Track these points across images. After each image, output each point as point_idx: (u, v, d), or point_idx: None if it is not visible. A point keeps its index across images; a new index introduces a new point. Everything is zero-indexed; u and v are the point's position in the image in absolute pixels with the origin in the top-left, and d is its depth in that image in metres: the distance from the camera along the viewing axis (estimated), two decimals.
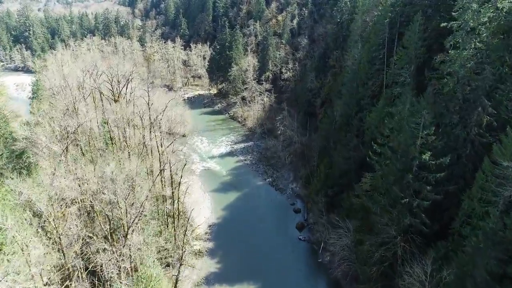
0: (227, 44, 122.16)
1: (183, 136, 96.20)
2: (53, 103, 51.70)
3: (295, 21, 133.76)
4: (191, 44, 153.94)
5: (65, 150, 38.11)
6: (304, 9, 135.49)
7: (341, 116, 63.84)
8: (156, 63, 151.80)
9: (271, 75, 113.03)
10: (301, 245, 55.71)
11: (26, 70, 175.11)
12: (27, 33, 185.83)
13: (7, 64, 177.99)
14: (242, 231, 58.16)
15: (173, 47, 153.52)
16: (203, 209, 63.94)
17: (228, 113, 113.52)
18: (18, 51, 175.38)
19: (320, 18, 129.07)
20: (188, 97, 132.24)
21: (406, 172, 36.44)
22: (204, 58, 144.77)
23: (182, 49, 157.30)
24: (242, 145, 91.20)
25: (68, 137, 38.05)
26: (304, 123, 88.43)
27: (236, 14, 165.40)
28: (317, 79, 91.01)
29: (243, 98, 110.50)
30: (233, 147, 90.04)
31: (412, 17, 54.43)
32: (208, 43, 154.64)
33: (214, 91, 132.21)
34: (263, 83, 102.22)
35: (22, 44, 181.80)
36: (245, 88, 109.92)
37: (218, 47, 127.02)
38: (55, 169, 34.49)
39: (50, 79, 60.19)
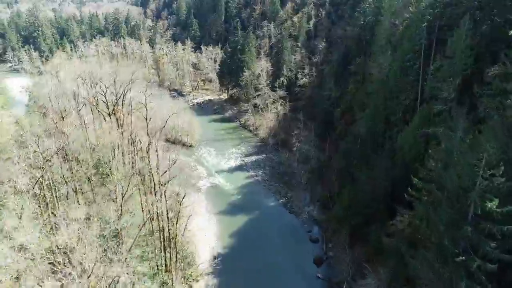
0: (239, 47, 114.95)
1: (190, 146, 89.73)
2: (39, 119, 45.30)
3: (311, 23, 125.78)
4: (201, 46, 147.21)
5: (39, 182, 31.39)
6: (321, 9, 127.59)
7: (367, 132, 55.91)
8: (165, 65, 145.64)
9: (285, 81, 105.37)
10: (319, 285, 48.08)
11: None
12: (35, 34, 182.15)
13: (15, 65, 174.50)
14: (252, 264, 50.72)
15: (183, 49, 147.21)
16: (208, 235, 56.95)
17: (239, 121, 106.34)
18: (26, 52, 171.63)
19: (338, 20, 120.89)
20: (197, 103, 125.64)
21: (461, 221, 28.56)
22: (215, 61, 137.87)
23: (192, 51, 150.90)
24: (253, 158, 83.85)
25: (42, 167, 31.30)
26: (321, 134, 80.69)
27: (249, 15, 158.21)
28: (337, 87, 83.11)
29: (255, 106, 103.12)
30: (243, 160, 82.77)
31: (455, 21, 46.40)
32: (219, 45, 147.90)
33: (225, 96, 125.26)
34: (277, 90, 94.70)
35: (31, 45, 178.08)
36: (258, 95, 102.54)
37: (229, 50, 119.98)
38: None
39: (40, 90, 54.09)
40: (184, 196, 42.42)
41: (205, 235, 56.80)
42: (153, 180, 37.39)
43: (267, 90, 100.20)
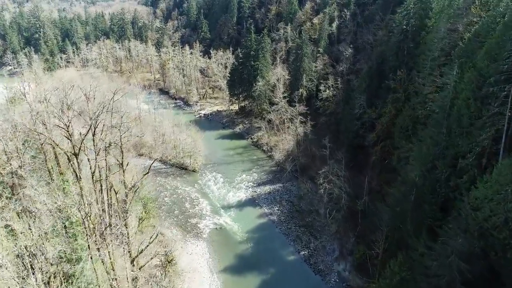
0: (252, 52, 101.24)
1: (193, 171, 76.61)
2: None
3: (334, 25, 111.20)
4: (211, 51, 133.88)
5: None
6: (346, 10, 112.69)
7: (421, 177, 41.53)
8: (171, 71, 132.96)
9: (305, 93, 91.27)
10: None
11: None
12: (37, 35, 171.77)
13: (14, 68, 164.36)
14: None
15: (190, 53, 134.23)
16: None
17: (251, 138, 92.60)
18: (25, 55, 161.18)
19: (365, 22, 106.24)
20: (204, 114, 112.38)
21: None
22: (226, 67, 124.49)
23: (201, 55, 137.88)
24: (268, 188, 70.07)
25: None
26: (350, 162, 66.57)
27: (263, 15, 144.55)
28: (369, 105, 68.75)
29: (270, 121, 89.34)
30: (255, 191, 69.05)
31: None
32: (231, 49, 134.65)
33: (235, 107, 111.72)
34: (296, 105, 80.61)
35: (31, 47, 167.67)
36: (273, 109, 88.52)
37: (241, 55, 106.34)
38: None
39: None
40: None
41: None
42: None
43: (284, 103, 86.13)
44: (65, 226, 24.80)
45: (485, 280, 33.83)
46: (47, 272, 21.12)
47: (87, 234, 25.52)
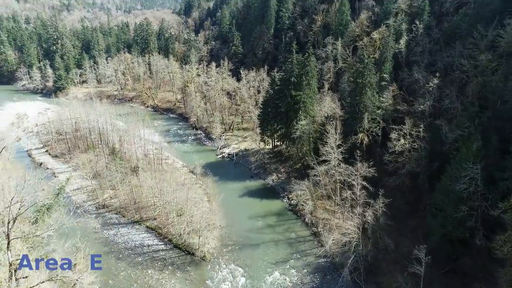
0: (293, 78, 76.12)
1: (202, 259, 52.39)
2: None
3: (402, 42, 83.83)
4: (241, 71, 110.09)
5: None
6: (418, 22, 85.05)
7: None
8: (193, 94, 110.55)
9: (366, 139, 64.94)
10: None
11: (46, 93, 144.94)
12: (54, 47, 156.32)
13: (28, 83, 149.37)
14: None
15: (216, 72, 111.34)
16: None
17: (289, 199, 67.29)
18: (39, 69, 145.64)
19: (445, 38, 78.35)
20: (229, 154, 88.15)
21: None
22: (259, 91, 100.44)
23: (229, 75, 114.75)
24: None
25: None
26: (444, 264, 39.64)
27: (307, 27, 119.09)
28: (488, 181, 41.59)
29: (315, 180, 63.48)
30: None
31: None
32: (266, 67, 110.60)
33: (268, 145, 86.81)
34: (357, 164, 54.50)
35: (47, 60, 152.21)
36: (322, 161, 62.47)
37: (278, 81, 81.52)
38: None
39: None
40: None
41: None
42: None
43: (337, 154, 59.98)
44: None
45: None
46: None
47: None
